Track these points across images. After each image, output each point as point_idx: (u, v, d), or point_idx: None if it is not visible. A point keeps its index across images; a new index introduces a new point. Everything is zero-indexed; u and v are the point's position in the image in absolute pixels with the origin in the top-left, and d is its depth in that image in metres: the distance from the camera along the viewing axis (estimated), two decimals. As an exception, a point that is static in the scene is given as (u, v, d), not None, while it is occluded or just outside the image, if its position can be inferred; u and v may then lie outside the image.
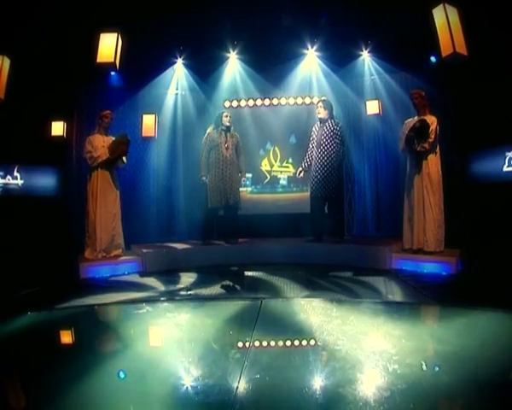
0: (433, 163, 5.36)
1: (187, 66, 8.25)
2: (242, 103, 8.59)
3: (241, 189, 7.20)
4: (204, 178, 6.55)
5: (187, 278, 5.31)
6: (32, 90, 6.92)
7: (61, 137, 7.39)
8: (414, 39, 6.90)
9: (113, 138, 6.08)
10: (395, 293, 4.18)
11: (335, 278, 5.05)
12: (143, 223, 8.21)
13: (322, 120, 6.21)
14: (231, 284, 4.86)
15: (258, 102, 8.56)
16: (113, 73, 7.64)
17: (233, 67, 8.24)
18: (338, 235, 6.31)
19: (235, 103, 8.58)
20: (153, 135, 7.47)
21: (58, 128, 7.37)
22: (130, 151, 7.96)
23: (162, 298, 4.29)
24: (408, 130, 5.34)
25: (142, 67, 7.61)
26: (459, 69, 6.19)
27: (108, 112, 6.13)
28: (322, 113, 6.19)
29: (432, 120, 5.32)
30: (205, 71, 8.23)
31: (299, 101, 8.48)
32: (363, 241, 6.58)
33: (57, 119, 7.39)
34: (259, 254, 6.29)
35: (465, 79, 6.63)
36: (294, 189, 8.59)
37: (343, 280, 4.90)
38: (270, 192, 8.67)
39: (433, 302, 3.61)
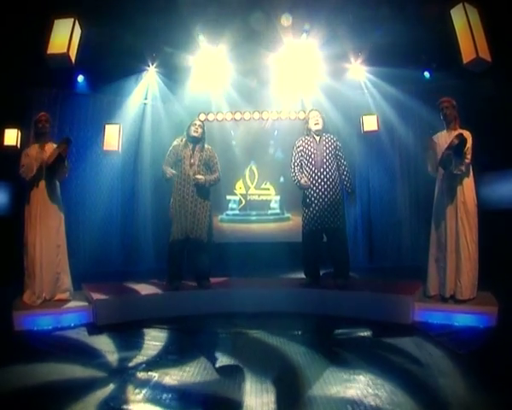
0: (468, 189, 3.82)
1: (160, 73, 6.65)
2: (220, 117, 6.98)
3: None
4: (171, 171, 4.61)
5: (147, 346, 3.43)
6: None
7: (15, 147, 5.53)
8: (414, 49, 5.89)
9: (55, 146, 4.30)
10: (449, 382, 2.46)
11: (353, 356, 3.11)
12: (105, 250, 6.67)
13: (318, 133, 4.52)
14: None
15: (238, 115, 6.99)
16: (80, 79, 6.40)
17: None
18: (342, 276, 4.50)
19: (211, 116, 6.96)
20: (116, 149, 5.65)
21: (11, 137, 5.57)
22: (89, 167, 6.40)
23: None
24: (445, 148, 3.74)
25: (109, 72, 6.25)
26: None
27: (42, 114, 4.38)
28: (320, 123, 4.50)
29: (467, 136, 3.79)
30: (179, 80, 6.72)
31: (284, 115, 6.94)
32: (373, 285, 4.65)
33: (10, 126, 5.58)
34: (241, 302, 4.37)
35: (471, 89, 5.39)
36: (271, 217, 7.04)
37: (364, 365, 2.91)
38: (242, 222, 7.06)
39: None
